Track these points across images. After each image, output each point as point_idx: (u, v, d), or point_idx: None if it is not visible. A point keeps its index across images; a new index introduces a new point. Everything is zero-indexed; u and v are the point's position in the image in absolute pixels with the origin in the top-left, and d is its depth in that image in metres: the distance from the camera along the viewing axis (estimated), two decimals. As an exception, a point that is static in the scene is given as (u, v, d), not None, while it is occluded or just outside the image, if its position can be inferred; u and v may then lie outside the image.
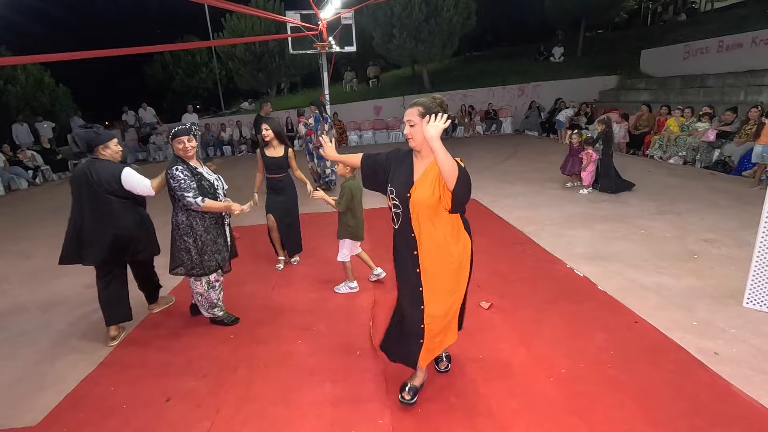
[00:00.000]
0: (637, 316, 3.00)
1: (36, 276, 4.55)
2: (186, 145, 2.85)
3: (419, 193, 2.02)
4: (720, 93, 9.54)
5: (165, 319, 3.41)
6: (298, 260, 4.40)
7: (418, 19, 13.95)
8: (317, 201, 3.31)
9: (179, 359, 2.85)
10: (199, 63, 24.55)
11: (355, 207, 3.43)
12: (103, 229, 2.93)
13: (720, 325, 2.84)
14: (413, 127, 2.01)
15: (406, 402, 2.26)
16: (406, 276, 2.18)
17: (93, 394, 2.56)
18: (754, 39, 9.58)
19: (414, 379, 2.33)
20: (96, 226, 2.93)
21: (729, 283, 3.35)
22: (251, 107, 17.62)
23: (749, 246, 3.62)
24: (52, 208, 7.75)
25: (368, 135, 14.09)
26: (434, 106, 1.98)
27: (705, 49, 10.96)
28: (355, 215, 3.45)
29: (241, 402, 2.41)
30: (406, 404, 2.26)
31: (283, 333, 3.10)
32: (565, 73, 14.81)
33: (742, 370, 2.41)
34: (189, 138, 2.86)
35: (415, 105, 2.02)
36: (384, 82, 18.88)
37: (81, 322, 3.47)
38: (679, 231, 4.54)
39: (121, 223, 2.96)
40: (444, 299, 2.13)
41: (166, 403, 2.43)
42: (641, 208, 5.36)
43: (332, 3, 9.76)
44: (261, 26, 16.38)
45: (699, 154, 7.67)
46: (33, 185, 10.39)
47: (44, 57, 7.75)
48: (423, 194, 2.01)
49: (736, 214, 4.91)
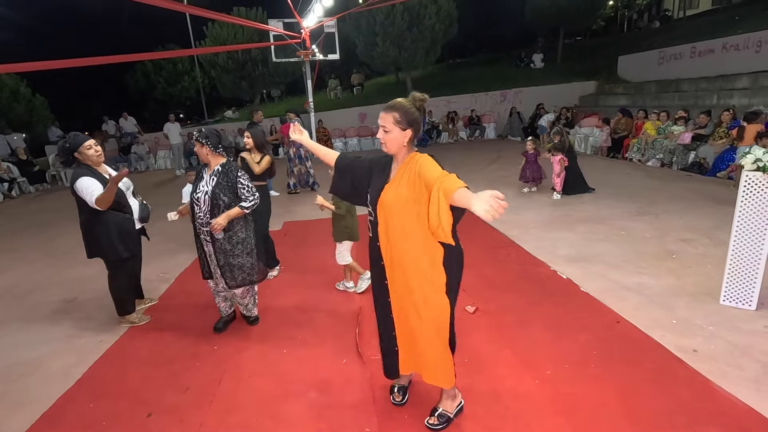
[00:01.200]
0: (619, 316, 3.05)
1: (12, 291, 4.41)
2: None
3: (387, 194, 1.90)
4: (694, 97, 9.86)
5: (146, 332, 3.33)
6: (274, 274, 4.22)
7: (400, 27, 14.11)
8: (302, 208, 3.31)
9: (161, 372, 2.79)
10: (181, 71, 24.31)
11: (353, 209, 3.49)
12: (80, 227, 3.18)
13: (698, 323, 2.91)
14: (387, 133, 1.87)
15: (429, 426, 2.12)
16: (378, 289, 2.11)
17: (70, 413, 2.48)
18: (724, 45, 9.95)
19: (441, 402, 2.17)
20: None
21: (706, 282, 3.44)
22: (235, 116, 17.51)
23: (725, 245, 3.72)
24: (30, 221, 7.55)
25: (353, 142, 14.12)
26: (411, 113, 1.85)
27: (679, 54, 11.34)
28: (353, 216, 3.51)
29: (226, 414, 2.36)
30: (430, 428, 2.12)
31: (268, 343, 3.06)
32: (546, 79, 15.13)
33: (720, 366, 2.46)
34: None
35: (391, 110, 1.85)
36: (368, 89, 18.99)
37: (61, 337, 3.36)
38: (658, 231, 4.65)
39: (81, 224, 3.16)
40: (412, 321, 1.97)
41: (148, 419, 2.37)
42: (621, 210, 5.48)
43: (315, 11, 9.82)
44: (243, 35, 16.34)
45: (675, 157, 7.89)
46: (9, 198, 10.10)
47: (20, 66, 7.58)
48: (390, 195, 1.88)
49: (712, 214, 5.05)
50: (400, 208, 1.86)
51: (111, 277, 3.31)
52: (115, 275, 3.30)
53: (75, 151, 3.05)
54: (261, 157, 3.92)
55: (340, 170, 2.15)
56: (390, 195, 1.90)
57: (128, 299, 3.41)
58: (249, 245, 3.01)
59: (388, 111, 1.86)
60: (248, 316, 3.29)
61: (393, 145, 1.89)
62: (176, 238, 5.41)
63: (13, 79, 15.58)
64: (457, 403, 2.19)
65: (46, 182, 11.55)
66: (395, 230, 1.90)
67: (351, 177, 2.13)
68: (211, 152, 2.88)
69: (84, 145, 3.05)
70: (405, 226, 1.87)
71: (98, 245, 3.16)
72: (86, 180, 2.98)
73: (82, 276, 4.55)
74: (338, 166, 2.15)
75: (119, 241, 3.17)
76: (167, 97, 24.52)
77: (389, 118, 1.85)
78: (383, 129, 1.88)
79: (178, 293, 3.98)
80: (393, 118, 1.84)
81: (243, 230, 2.97)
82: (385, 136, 1.88)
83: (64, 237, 6.16)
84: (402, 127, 1.85)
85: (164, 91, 24.48)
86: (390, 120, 1.85)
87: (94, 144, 3.11)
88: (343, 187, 2.18)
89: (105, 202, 2.96)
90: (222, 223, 2.80)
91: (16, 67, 7.07)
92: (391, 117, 1.85)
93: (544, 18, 17.05)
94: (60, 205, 8.78)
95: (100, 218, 3.08)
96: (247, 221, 3.01)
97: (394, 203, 1.88)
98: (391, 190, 1.90)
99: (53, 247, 5.78)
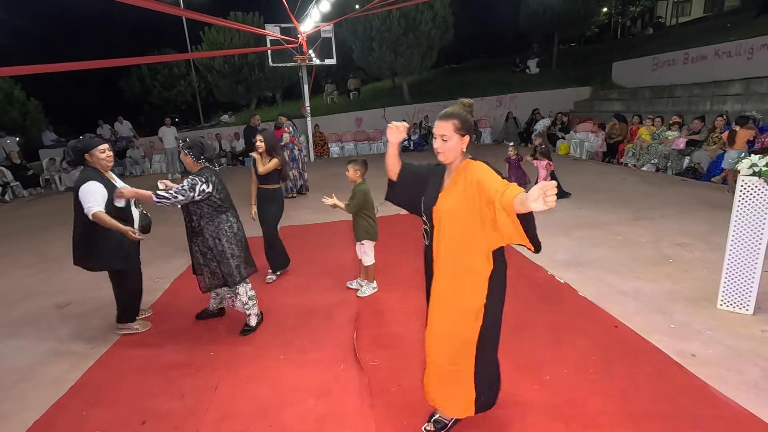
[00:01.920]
0: (617, 321, 3.05)
1: (5, 296, 4.35)
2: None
3: (442, 203, 1.89)
4: (687, 103, 9.95)
5: (141, 338, 3.29)
6: (273, 278, 4.19)
7: (397, 33, 14.17)
8: (298, 212, 3.32)
9: (156, 379, 2.75)
10: (177, 76, 24.22)
11: (369, 209, 3.57)
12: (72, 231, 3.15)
13: (696, 327, 2.92)
14: (446, 142, 1.83)
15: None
16: (428, 293, 2.08)
17: (62, 421, 2.44)
18: (716, 51, 10.06)
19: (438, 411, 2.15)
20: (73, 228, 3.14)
21: (703, 286, 3.45)
22: (231, 120, 17.47)
23: (720, 249, 3.74)
24: (23, 225, 7.47)
25: (350, 146, 14.11)
26: (468, 119, 1.85)
27: (672, 61, 11.45)
28: (370, 216, 3.59)
29: (222, 421, 2.33)
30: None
31: (265, 348, 3.03)
32: (541, 85, 15.23)
33: (719, 370, 2.47)
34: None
35: (450, 117, 1.83)
36: (364, 94, 19.01)
37: (55, 344, 3.32)
38: (654, 236, 4.67)
39: (75, 229, 3.12)
40: (442, 341, 1.94)
41: (142, 426, 2.34)
42: (617, 215, 5.50)
43: (311, 16, 9.85)
44: (240, 39, 16.34)
45: (670, 162, 7.95)
46: (2, 202, 10.00)
47: (14, 70, 7.53)
48: (446, 205, 1.87)
49: (707, 219, 5.08)
50: (452, 216, 1.85)
51: (115, 286, 3.25)
52: (119, 284, 3.23)
53: (87, 153, 3.02)
54: (269, 160, 3.92)
55: (403, 180, 2.15)
56: (444, 203, 1.89)
57: (131, 307, 3.34)
58: (221, 255, 3.02)
59: (447, 119, 1.84)
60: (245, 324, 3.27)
61: (452, 153, 1.86)
62: (172, 242, 5.37)
63: (7, 83, 15.46)
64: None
65: (40, 186, 11.44)
66: (446, 239, 1.89)
67: (411, 186, 2.11)
68: (193, 162, 3.01)
69: (98, 148, 3.04)
70: (456, 234, 1.86)
71: (97, 256, 3.09)
72: (94, 185, 2.92)
73: (76, 281, 4.49)
74: (401, 176, 2.15)
75: (118, 253, 3.11)
76: (163, 101, 24.41)
77: (449, 126, 1.82)
78: (442, 138, 1.84)
79: (173, 298, 3.94)
80: (453, 125, 1.82)
81: (212, 239, 3.00)
82: (444, 145, 1.84)
83: (58, 241, 6.09)
84: (462, 134, 1.84)
85: (160, 95, 24.37)
86: (450, 128, 1.82)
87: (108, 149, 3.09)
88: (400, 196, 2.18)
89: (101, 222, 2.88)
90: (125, 193, 2.92)
91: (10, 71, 7.03)
92: (451, 125, 1.82)
93: (539, 24, 17.20)
94: (54, 210, 8.70)
95: (101, 228, 2.99)
96: (218, 232, 2.99)
97: (447, 212, 1.87)
98: (446, 198, 1.89)
99: (47, 252, 5.71)
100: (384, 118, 14.72)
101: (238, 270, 3.08)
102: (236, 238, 3.09)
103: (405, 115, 14.53)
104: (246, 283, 3.20)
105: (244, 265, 3.15)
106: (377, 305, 3.57)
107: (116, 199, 3.01)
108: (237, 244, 3.08)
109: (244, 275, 3.12)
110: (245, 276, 3.14)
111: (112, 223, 2.89)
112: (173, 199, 2.80)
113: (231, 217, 3.09)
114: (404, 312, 3.42)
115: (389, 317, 3.36)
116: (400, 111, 14.85)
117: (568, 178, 7.80)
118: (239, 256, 3.10)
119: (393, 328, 3.18)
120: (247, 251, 3.22)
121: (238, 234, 3.13)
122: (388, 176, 2.19)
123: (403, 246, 4.79)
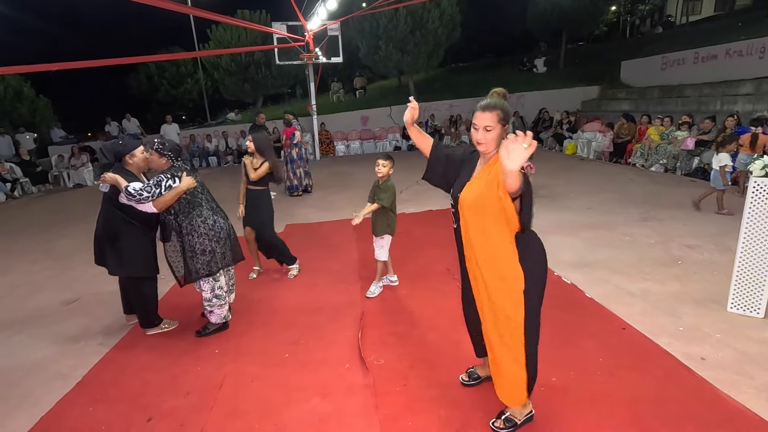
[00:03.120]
0: (625, 323, 3.01)
1: (13, 292, 4.39)
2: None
3: (467, 192, 1.93)
4: (697, 103, 9.83)
5: (146, 336, 3.30)
6: (294, 274, 4.20)
7: (403, 31, 14.13)
8: (303, 211, 3.32)
9: (161, 377, 2.76)
10: (184, 74, 24.35)
11: (394, 205, 3.64)
12: (96, 230, 3.14)
13: (705, 330, 2.88)
14: (490, 132, 1.86)
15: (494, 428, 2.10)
16: (464, 275, 2.14)
17: (69, 417, 2.45)
18: (727, 51, 9.93)
19: (508, 409, 2.12)
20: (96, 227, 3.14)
21: (712, 288, 3.41)
22: (237, 118, 17.53)
23: (730, 251, 3.69)
24: (31, 222, 7.54)
25: (355, 145, 14.11)
26: (509, 108, 1.89)
27: (681, 60, 11.32)
28: (393, 211, 3.63)
29: (226, 419, 2.33)
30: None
31: (270, 347, 3.03)
32: (548, 84, 15.13)
33: (728, 374, 2.43)
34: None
35: (492, 109, 1.87)
36: (371, 92, 19.00)
37: (61, 340, 3.34)
38: (663, 237, 4.62)
39: (101, 231, 3.08)
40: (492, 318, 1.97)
41: (147, 423, 2.34)
42: (625, 216, 5.45)
43: (318, 15, 9.85)
44: (247, 37, 16.37)
45: (679, 162, 7.85)
46: (11, 198, 10.11)
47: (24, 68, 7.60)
48: (470, 194, 1.91)
49: (717, 220, 5.02)
50: (476, 206, 1.89)
51: (137, 293, 3.20)
52: (143, 289, 3.19)
53: (127, 154, 2.98)
54: (261, 162, 3.87)
55: (432, 161, 2.21)
56: (469, 192, 1.92)
57: (154, 311, 3.30)
58: (191, 250, 2.95)
59: (491, 110, 1.86)
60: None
61: (493, 144, 1.88)
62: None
63: (16, 80, 15.59)
64: (527, 411, 2.12)
65: (49, 183, 11.55)
66: (472, 228, 1.93)
67: (443, 168, 2.17)
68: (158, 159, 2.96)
69: (139, 149, 3.01)
70: (480, 225, 1.90)
71: (128, 262, 3.05)
72: (138, 184, 2.85)
73: (83, 278, 4.53)
74: (433, 154, 2.21)
75: (149, 258, 3.13)
76: (170, 98, 24.55)
77: (493, 116, 1.86)
78: (485, 129, 1.86)
79: (177, 295, 3.96)
80: (497, 115, 1.86)
81: (186, 234, 2.96)
82: (487, 136, 1.87)
83: (66, 238, 6.15)
84: (503, 123, 1.87)
85: (167, 92, 24.51)
86: (494, 119, 1.85)
87: (144, 150, 3.04)
88: (435, 177, 2.23)
89: (164, 204, 2.85)
90: (106, 178, 2.88)
91: (21, 69, 7.12)
92: (495, 115, 1.86)
93: (547, 23, 17.08)
94: (62, 206, 8.79)
95: (133, 234, 3.00)
96: (190, 227, 2.94)
97: (471, 201, 1.90)
98: (472, 187, 1.93)
99: (54, 248, 5.76)
100: (390, 117, 14.70)
101: (206, 266, 2.98)
102: (212, 233, 2.99)
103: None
104: (214, 281, 3.07)
105: (218, 261, 3.02)
106: (383, 304, 3.56)
107: (100, 183, 3.01)
108: (213, 239, 2.99)
109: (213, 271, 3.00)
110: (214, 272, 3.01)
111: (173, 194, 2.84)
112: (138, 196, 2.74)
113: (206, 211, 2.99)
114: (410, 311, 3.40)
115: (395, 316, 3.34)
116: (406, 109, 14.82)
117: (575, 178, 7.75)
118: (211, 252, 2.99)
119: (398, 328, 3.16)
120: (226, 246, 3.09)
121: (215, 228, 3.01)
122: (425, 155, 2.25)
123: (408, 244, 4.78)
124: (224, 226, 3.11)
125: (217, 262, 3.03)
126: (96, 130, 15.43)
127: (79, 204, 8.78)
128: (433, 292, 3.68)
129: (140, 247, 3.08)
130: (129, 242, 3.02)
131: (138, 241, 3.05)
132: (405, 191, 6.77)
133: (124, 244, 3.02)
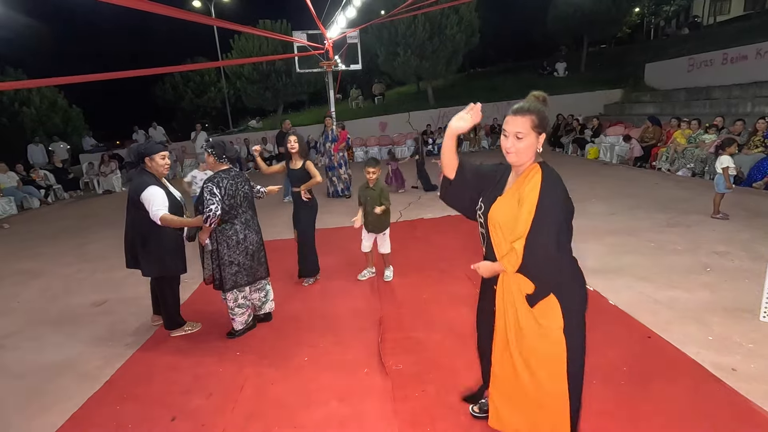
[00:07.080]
0: (650, 331, 2.93)
1: (45, 294, 4.58)
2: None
3: (497, 210, 1.68)
4: (726, 105, 9.53)
5: (171, 338, 3.39)
6: (310, 282, 4.24)
7: (422, 38, 14.20)
8: (322, 216, 3.44)
9: (185, 377, 2.83)
10: (207, 83, 25.04)
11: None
12: (125, 234, 3.25)
13: (737, 340, 2.77)
14: (521, 140, 1.60)
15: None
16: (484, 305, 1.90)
17: (98, 414, 2.54)
18: (758, 51, 9.60)
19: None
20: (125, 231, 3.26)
21: (744, 297, 3.28)
22: (258, 125, 17.88)
23: (763, 258, 3.56)
24: (63, 226, 7.85)
25: (374, 151, 14.19)
26: (547, 115, 1.63)
27: (709, 61, 11.00)
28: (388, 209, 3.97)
29: (247, 421, 2.37)
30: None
31: (290, 350, 3.07)
32: (569, 88, 14.91)
33: (762, 386, 2.33)
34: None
35: (527, 113, 1.60)
36: (389, 98, 19.13)
37: (90, 340, 3.46)
38: (691, 244, 4.47)
39: (129, 232, 3.21)
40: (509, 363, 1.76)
41: (171, 423, 2.40)
42: (651, 221, 5.30)
43: (338, 23, 9.98)
44: (268, 46, 16.75)
45: (707, 166, 7.60)
46: (45, 204, 10.55)
47: (57, 80, 7.97)
48: (500, 212, 1.67)
49: (749, 226, 4.83)
50: (507, 224, 1.66)
51: (162, 293, 3.30)
52: (167, 291, 3.29)
53: (148, 156, 3.11)
54: (303, 163, 3.99)
55: (462, 179, 1.86)
56: (499, 210, 1.69)
57: (178, 312, 3.41)
58: (220, 259, 3.04)
59: (524, 114, 1.60)
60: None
61: (525, 154, 1.63)
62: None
63: (51, 91, 16.33)
64: None
65: (80, 189, 12.02)
66: (502, 247, 1.71)
67: (470, 188, 1.86)
68: (215, 161, 3.11)
69: (160, 154, 3.13)
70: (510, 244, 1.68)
71: (159, 262, 3.15)
72: (155, 189, 2.98)
73: (112, 280, 4.69)
74: (460, 175, 1.86)
75: (177, 257, 3.23)
76: (194, 107, 25.24)
77: (526, 122, 1.60)
78: (516, 136, 1.61)
79: (202, 299, 4.05)
80: (531, 121, 1.60)
81: (214, 242, 3.05)
82: (517, 144, 1.61)
83: (96, 242, 6.37)
84: (538, 132, 1.63)
85: (192, 101, 25.23)
86: (528, 124, 1.60)
87: (167, 156, 3.18)
88: (457, 197, 1.91)
89: (170, 223, 2.96)
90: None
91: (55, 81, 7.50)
92: (528, 121, 1.60)
93: (568, 26, 16.89)
94: (92, 211, 9.13)
95: (161, 234, 3.09)
96: (219, 237, 3.02)
97: (502, 219, 1.67)
98: (503, 204, 1.69)
99: (85, 252, 5.98)
100: (409, 122, 14.74)
101: (233, 277, 3.07)
102: (241, 247, 3.08)
103: (429, 119, 14.50)
104: (238, 291, 3.17)
105: (244, 275, 3.13)
106: (401, 309, 3.56)
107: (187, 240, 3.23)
108: (241, 252, 3.08)
109: (239, 284, 3.11)
110: (240, 285, 3.12)
111: (181, 221, 3.00)
112: (209, 212, 2.88)
113: (239, 225, 3.08)
114: (428, 317, 3.39)
115: (413, 322, 3.34)
116: (424, 115, 14.84)
117: (597, 183, 7.59)
118: (238, 264, 3.08)
119: (417, 333, 3.16)
120: (254, 260, 3.18)
121: (245, 242, 3.11)
122: (444, 173, 1.89)
123: (427, 250, 4.77)
124: (254, 240, 3.19)
125: (244, 276, 3.13)
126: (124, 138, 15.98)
127: (108, 209, 9.11)
128: (452, 297, 3.66)
129: (169, 247, 3.18)
130: (157, 243, 3.13)
131: (166, 240, 3.15)
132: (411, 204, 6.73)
133: (153, 245, 3.13)
